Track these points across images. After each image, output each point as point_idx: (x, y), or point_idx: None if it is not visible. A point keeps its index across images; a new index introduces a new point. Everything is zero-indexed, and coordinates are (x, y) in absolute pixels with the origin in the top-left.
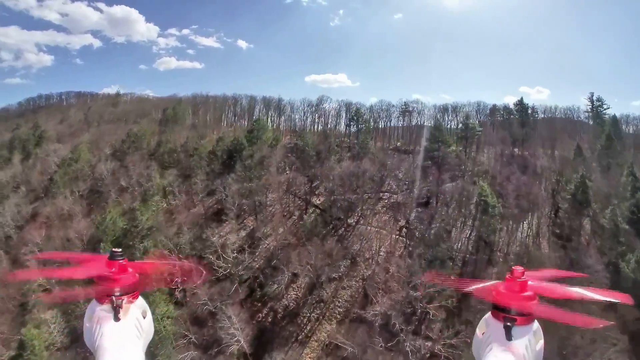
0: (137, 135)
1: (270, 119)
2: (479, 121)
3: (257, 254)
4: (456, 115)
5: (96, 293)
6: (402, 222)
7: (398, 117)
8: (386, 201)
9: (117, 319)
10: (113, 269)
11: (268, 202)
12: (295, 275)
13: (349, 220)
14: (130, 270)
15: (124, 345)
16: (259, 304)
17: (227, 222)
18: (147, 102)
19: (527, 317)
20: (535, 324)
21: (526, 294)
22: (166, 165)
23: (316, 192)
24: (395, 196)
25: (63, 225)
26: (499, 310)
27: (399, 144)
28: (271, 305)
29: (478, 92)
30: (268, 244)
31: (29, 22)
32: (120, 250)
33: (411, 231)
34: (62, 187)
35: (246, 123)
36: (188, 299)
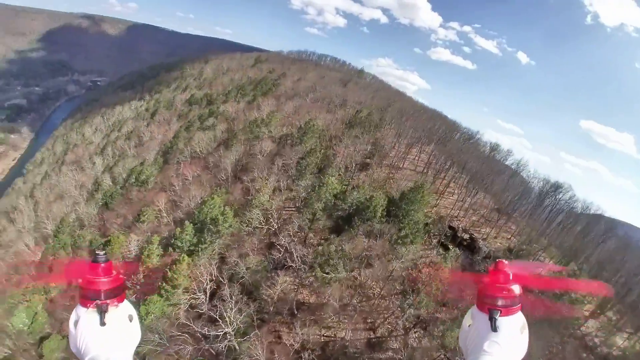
0: None
1: None
2: None
3: None
4: None
5: (80, 297)
6: None
7: None
8: None
9: (102, 323)
10: (96, 273)
11: None
12: None
13: None
14: (114, 273)
15: (111, 350)
16: None
17: None
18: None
19: (512, 308)
20: (520, 315)
21: (510, 285)
22: None
23: None
24: None
25: None
26: (484, 302)
27: None
28: None
29: None
30: None
31: None
32: (103, 252)
33: None
34: None
35: None
36: None
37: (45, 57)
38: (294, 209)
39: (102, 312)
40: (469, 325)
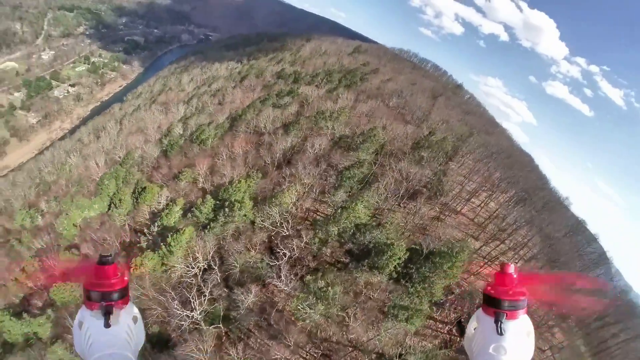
0: None
1: None
2: None
3: None
4: None
5: (85, 299)
6: None
7: None
8: None
9: (107, 325)
10: (101, 274)
11: None
12: None
13: None
14: (119, 274)
15: (115, 352)
16: None
17: None
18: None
19: (518, 311)
20: (526, 318)
21: (516, 288)
22: None
23: None
24: None
25: None
26: (490, 306)
27: None
28: None
29: None
30: None
31: None
32: (109, 254)
33: None
34: None
35: None
36: None
37: (170, 5)
38: (318, 217)
39: (107, 313)
40: (474, 329)
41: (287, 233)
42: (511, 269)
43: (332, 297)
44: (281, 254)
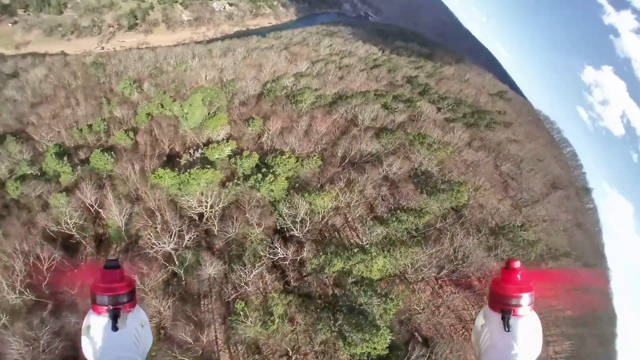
0: None
1: None
2: None
3: None
4: None
5: (92, 303)
6: None
7: None
8: None
9: (114, 329)
10: (108, 279)
11: None
12: None
13: None
14: (126, 278)
15: (123, 355)
16: None
17: None
18: None
19: (524, 307)
20: (533, 314)
21: (522, 285)
22: None
23: None
24: None
25: None
26: (496, 302)
27: None
28: None
29: None
30: None
31: None
32: (115, 258)
33: None
34: None
35: None
36: None
37: None
38: (335, 239)
39: (114, 317)
40: (481, 325)
41: (297, 234)
42: (517, 265)
43: (274, 330)
44: (277, 249)
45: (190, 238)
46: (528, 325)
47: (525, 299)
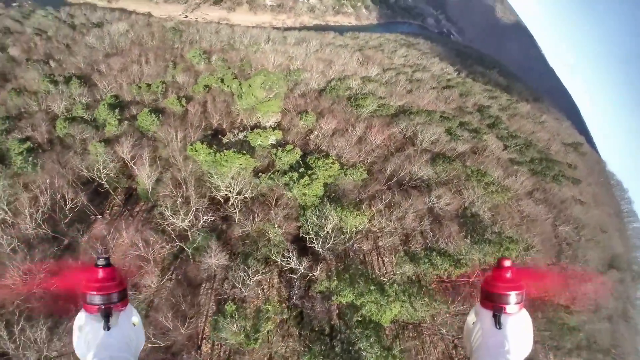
0: None
1: None
2: None
3: None
4: None
5: (84, 302)
6: None
7: None
8: None
9: (106, 327)
10: (99, 278)
11: None
12: None
13: None
14: (117, 278)
15: (116, 354)
16: None
17: None
18: None
19: (515, 305)
20: (524, 312)
21: (513, 282)
22: None
23: None
24: None
25: None
26: (488, 300)
27: None
28: None
29: None
30: None
31: None
32: (106, 256)
33: None
34: None
35: None
36: None
37: None
38: (354, 267)
39: (106, 316)
40: (472, 323)
41: (317, 248)
42: (508, 263)
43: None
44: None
45: (207, 221)
46: (519, 322)
47: (516, 297)
